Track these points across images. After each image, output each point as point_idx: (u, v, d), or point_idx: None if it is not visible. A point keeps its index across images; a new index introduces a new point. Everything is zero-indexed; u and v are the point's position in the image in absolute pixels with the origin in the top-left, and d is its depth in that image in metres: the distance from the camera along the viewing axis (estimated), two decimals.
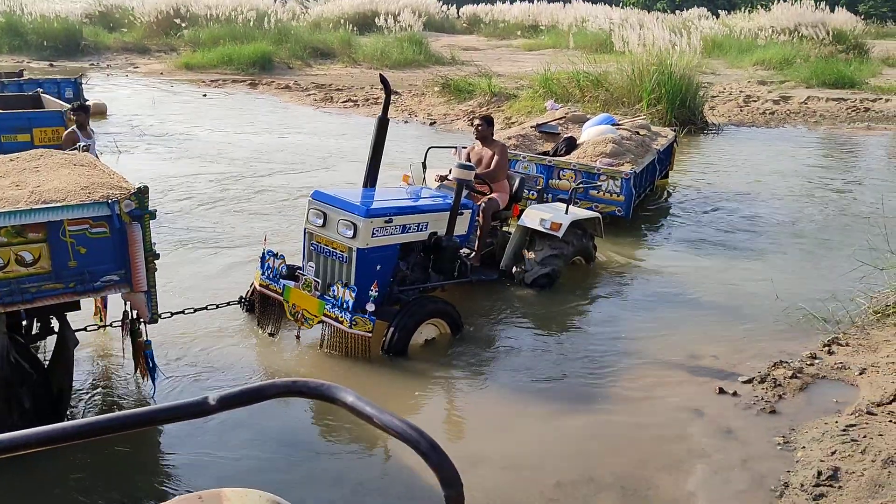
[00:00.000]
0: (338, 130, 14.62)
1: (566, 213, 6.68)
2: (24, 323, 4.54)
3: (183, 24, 26.17)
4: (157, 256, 4.18)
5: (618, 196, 8.14)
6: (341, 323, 5.18)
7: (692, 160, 12.60)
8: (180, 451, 4.24)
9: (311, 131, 14.40)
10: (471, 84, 17.19)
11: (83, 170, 4.41)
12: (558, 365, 5.48)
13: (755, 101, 17.74)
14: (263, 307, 5.72)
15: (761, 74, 21.31)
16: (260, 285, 5.66)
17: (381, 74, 6.14)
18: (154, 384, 4.68)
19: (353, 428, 4.45)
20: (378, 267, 5.44)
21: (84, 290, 3.99)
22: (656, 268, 7.56)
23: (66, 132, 8.06)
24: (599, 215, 7.26)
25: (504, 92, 16.66)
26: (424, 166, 7.32)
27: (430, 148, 7.36)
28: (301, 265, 5.72)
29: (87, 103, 13.27)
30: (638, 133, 9.64)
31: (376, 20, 28.06)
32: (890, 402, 4.70)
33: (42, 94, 10.78)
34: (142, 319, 4.45)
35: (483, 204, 6.54)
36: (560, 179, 8.33)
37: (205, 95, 18.39)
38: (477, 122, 7.01)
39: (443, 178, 6.73)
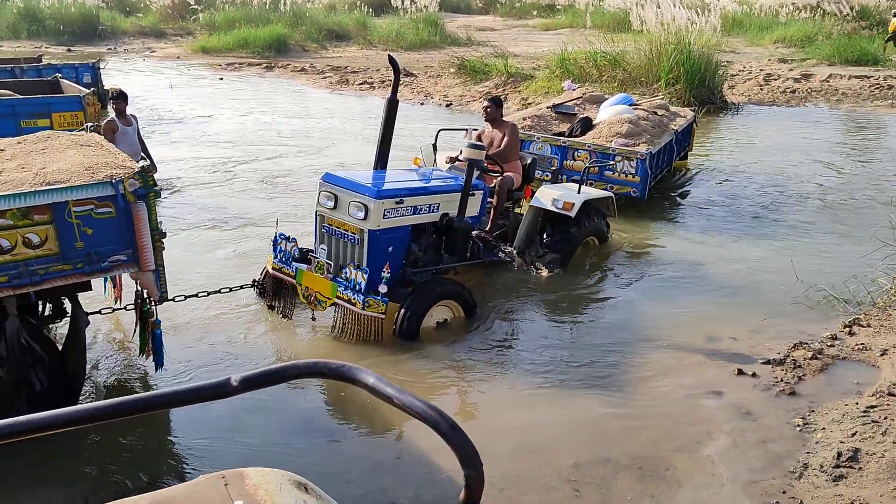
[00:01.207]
0: (354, 113, 14.61)
1: (578, 192, 6.65)
2: (39, 305, 4.58)
3: (199, 7, 26.21)
4: (163, 235, 4.18)
5: (633, 177, 8.07)
6: (354, 305, 5.18)
7: (711, 140, 12.46)
8: (202, 434, 4.28)
9: (327, 114, 14.39)
10: (487, 65, 17.07)
11: (88, 150, 4.40)
12: (574, 347, 5.48)
13: (776, 80, 17.47)
14: (277, 290, 5.75)
15: (782, 52, 20.97)
16: (273, 268, 5.67)
17: (389, 55, 6.10)
18: (159, 365, 4.65)
19: (372, 409, 4.48)
20: (390, 248, 5.44)
21: (92, 270, 4.00)
22: (674, 249, 7.51)
23: (105, 120, 8.15)
24: (612, 195, 7.21)
25: (520, 72, 16.53)
26: (435, 148, 7.30)
27: (440, 130, 7.34)
28: (313, 248, 5.73)
29: (106, 88, 13.32)
30: (655, 113, 9.54)
31: (391, 1, 27.92)
32: None
33: (60, 80, 10.85)
34: (152, 299, 4.48)
35: (496, 185, 6.51)
36: (575, 160, 8.27)
37: (221, 79, 18.43)
38: (485, 104, 6.93)
39: (453, 160, 6.71)
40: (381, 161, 5.91)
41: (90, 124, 6.15)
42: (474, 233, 6.16)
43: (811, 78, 17.53)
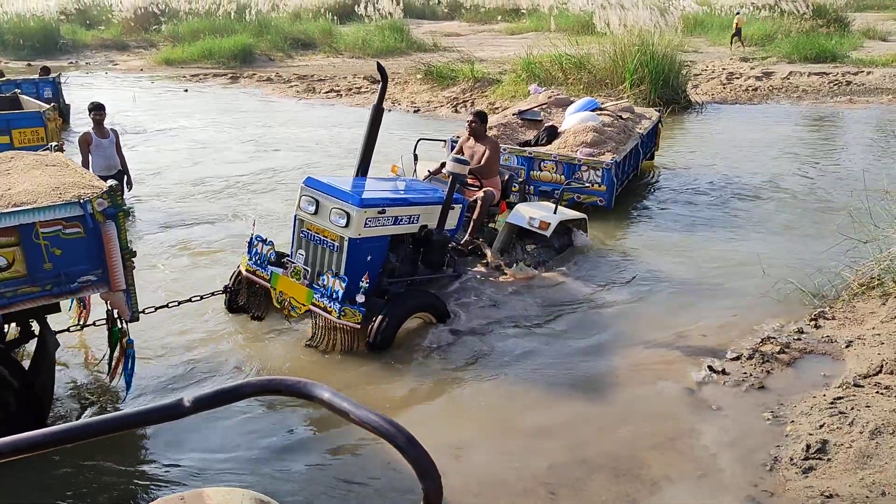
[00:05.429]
0: (321, 121, 14.54)
1: (555, 212, 6.72)
2: (6, 328, 4.48)
3: (162, 18, 25.96)
4: (133, 254, 4.12)
5: (599, 186, 8.14)
6: (329, 313, 5.12)
7: (677, 140, 12.61)
8: (162, 453, 4.20)
9: (294, 122, 14.31)
10: (454, 70, 17.12)
11: (54, 170, 4.32)
12: (547, 348, 5.49)
13: (738, 79, 17.76)
14: (248, 294, 5.67)
15: (743, 51, 21.32)
16: (246, 270, 5.58)
17: (378, 63, 6.04)
18: (129, 385, 4.57)
19: (336, 423, 4.43)
20: (369, 258, 5.39)
21: (61, 291, 3.92)
22: (643, 248, 7.58)
23: (81, 133, 8.03)
24: (586, 217, 7.28)
25: (487, 77, 16.60)
26: (416, 157, 7.28)
27: (419, 139, 7.35)
28: (289, 252, 5.65)
29: (67, 103, 13.08)
30: (620, 117, 9.61)
31: (356, 8, 27.91)
32: (876, 374, 4.74)
33: (20, 95, 10.65)
34: (123, 318, 4.40)
35: (478, 199, 6.54)
36: (541, 171, 8.33)
37: (186, 90, 18.24)
38: (470, 118, 6.93)
39: (433, 173, 6.71)
40: (363, 168, 5.85)
41: (54, 143, 6.06)
42: (451, 245, 6.16)
43: (772, 76, 17.86)
